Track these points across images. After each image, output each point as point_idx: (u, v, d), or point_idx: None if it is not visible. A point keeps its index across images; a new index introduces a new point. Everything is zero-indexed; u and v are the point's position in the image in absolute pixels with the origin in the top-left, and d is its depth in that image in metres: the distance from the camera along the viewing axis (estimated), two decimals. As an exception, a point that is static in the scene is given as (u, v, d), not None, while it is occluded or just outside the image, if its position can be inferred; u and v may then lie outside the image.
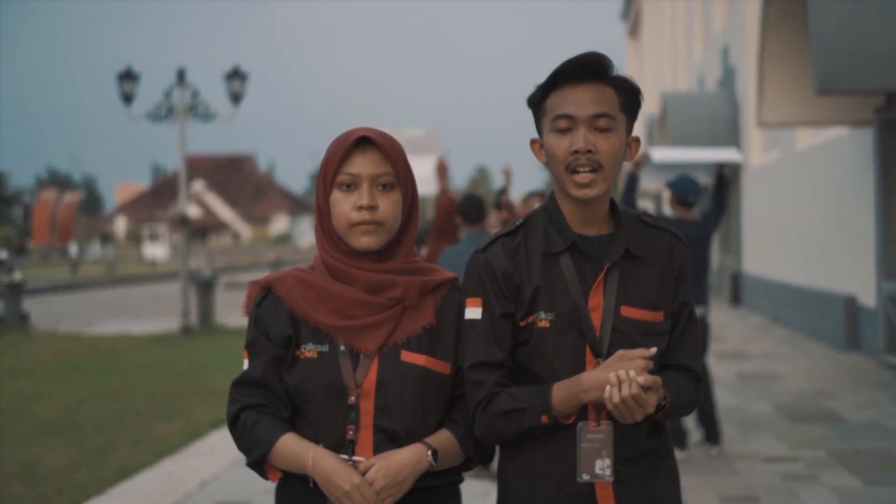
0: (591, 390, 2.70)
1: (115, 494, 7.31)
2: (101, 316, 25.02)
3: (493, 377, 2.82)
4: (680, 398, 2.82)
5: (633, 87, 2.83)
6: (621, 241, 2.84)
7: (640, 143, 2.91)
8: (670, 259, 2.90)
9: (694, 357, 2.93)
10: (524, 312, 2.83)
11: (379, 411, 2.81)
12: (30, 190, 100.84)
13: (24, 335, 19.42)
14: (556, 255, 2.84)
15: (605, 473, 2.74)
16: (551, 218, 2.88)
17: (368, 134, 2.85)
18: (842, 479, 7.23)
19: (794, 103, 13.27)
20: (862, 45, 10.20)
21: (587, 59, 2.77)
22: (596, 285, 2.81)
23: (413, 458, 2.78)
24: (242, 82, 20.21)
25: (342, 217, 2.84)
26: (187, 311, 19.35)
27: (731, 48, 23.05)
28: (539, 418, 2.75)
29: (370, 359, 2.82)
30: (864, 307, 13.77)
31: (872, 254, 13.09)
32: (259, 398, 2.84)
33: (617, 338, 2.79)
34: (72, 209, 72.40)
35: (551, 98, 2.82)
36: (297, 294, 2.87)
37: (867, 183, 13.23)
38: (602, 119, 2.75)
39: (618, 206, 2.91)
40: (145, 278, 47.71)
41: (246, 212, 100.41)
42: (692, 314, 2.94)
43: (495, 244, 2.88)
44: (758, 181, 21.00)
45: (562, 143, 2.77)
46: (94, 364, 14.98)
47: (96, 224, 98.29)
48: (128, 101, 19.89)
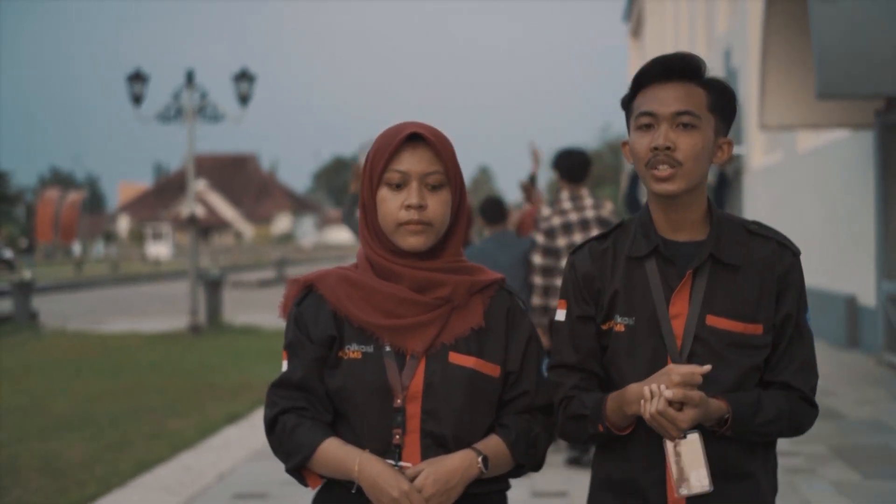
0: (633, 403, 2.64)
1: (136, 487, 7.53)
2: (108, 314, 25.25)
3: (570, 380, 2.78)
4: (760, 414, 2.65)
5: (726, 88, 2.75)
6: (709, 246, 2.73)
7: (732, 146, 2.79)
8: (772, 269, 2.75)
9: (801, 375, 2.75)
10: (603, 316, 2.78)
11: (426, 415, 2.71)
12: (32, 189, 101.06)
13: (33, 333, 19.65)
14: (641, 260, 2.77)
15: (703, 484, 2.63)
16: (642, 223, 2.81)
17: (419, 130, 2.75)
18: (841, 472, 7.45)
19: (796, 106, 13.49)
20: (862, 50, 10.41)
21: (672, 59, 2.72)
22: (679, 291, 2.72)
23: (463, 464, 2.68)
24: (250, 84, 20.47)
25: (389, 216, 2.74)
26: (195, 310, 19.57)
27: (734, 50, 23.25)
28: (596, 427, 2.71)
29: (417, 360, 2.73)
30: (864, 307, 13.98)
31: (872, 254, 13.29)
32: (300, 401, 2.74)
33: (700, 348, 2.69)
34: (75, 208, 72.69)
35: (638, 98, 2.76)
36: (340, 292, 2.77)
37: (867, 185, 13.43)
38: (685, 116, 2.67)
39: (716, 211, 2.80)
40: (149, 277, 47.98)
41: (248, 211, 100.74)
42: (801, 329, 2.77)
43: (584, 247, 2.86)
44: (760, 182, 21.20)
45: (643, 139, 2.71)
46: (104, 361, 15.21)
47: (99, 223, 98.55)
48: (137, 103, 20.15)
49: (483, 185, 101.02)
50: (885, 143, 12.59)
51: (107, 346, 17.46)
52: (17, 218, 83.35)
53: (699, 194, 2.75)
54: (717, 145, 2.75)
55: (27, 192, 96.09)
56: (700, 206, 2.77)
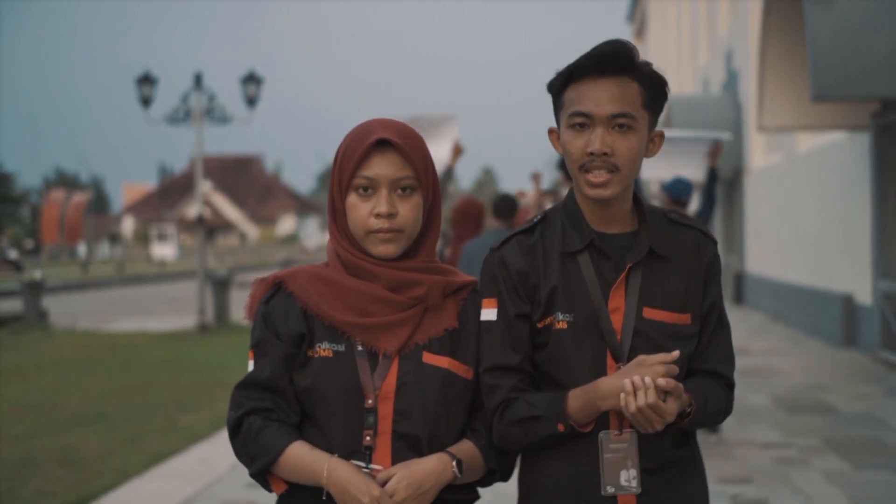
0: (608, 398, 2.55)
1: (152, 476, 7.81)
2: (116, 314, 25.50)
3: (508, 382, 2.67)
4: (708, 406, 2.65)
5: (659, 80, 2.66)
6: (644, 239, 2.68)
7: (663, 138, 2.73)
8: (698, 258, 2.74)
9: (726, 363, 2.76)
10: (541, 313, 2.68)
11: (399, 416, 2.63)
12: (37, 190, 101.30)
13: (44, 332, 19.93)
14: (574, 255, 2.69)
15: (630, 485, 2.60)
16: (570, 215, 2.72)
17: (387, 135, 2.66)
18: (832, 463, 7.71)
19: (793, 108, 13.75)
20: (856, 54, 10.67)
21: (607, 54, 2.60)
22: (616, 286, 2.66)
23: (437, 468, 2.60)
24: (258, 86, 20.74)
25: (359, 223, 2.67)
26: (203, 309, 19.85)
27: (735, 53, 23.49)
28: (555, 427, 2.60)
29: (390, 360, 2.65)
30: (860, 305, 14.23)
31: (869, 254, 13.54)
32: (266, 402, 2.65)
33: (639, 341, 2.64)
34: (80, 209, 72.92)
35: (570, 91, 2.65)
36: (311, 290, 2.69)
37: (864, 186, 13.68)
38: (621, 118, 2.58)
39: (642, 203, 2.75)
40: (155, 278, 48.27)
41: (253, 212, 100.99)
42: (723, 317, 2.78)
43: (510, 242, 2.74)
44: (760, 183, 21.44)
45: (578, 141, 2.62)
46: (115, 359, 15.49)
47: (104, 224, 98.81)
48: (146, 105, 20.43)
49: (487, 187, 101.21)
50: (881, 145, 12.85)
51: (116, 344, 17.74)
52: (22, 219, 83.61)
53: (630, 190, 2.70)
54: (650, 138, 2.69)
55: (32, 193, 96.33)
56: (629, 200, 2.72)
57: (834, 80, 10.70)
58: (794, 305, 17.88)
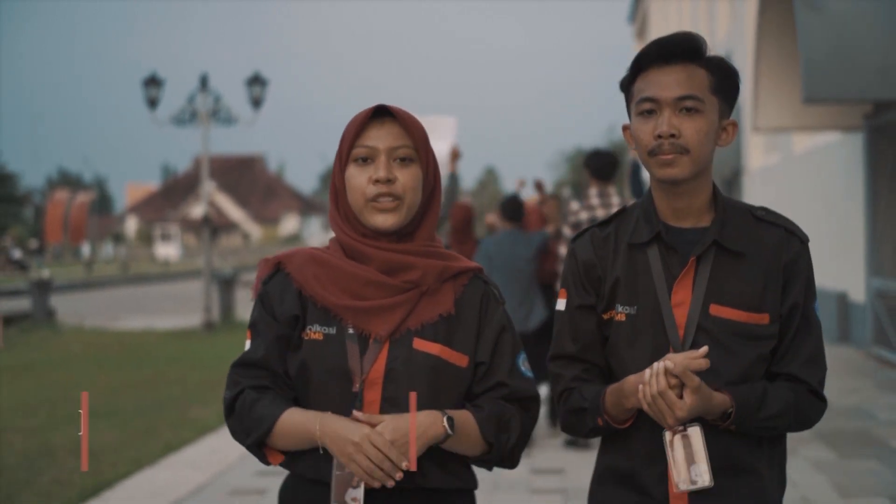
0: (631, 395, 2.55)
1: (165, 466, 8.12)
2: (121, 313, 25.83)
3: (570, 371, 2.71)
4: (764, 408, 2.55)
5: (729, 68, 2.65)
6: (712, 233, 2.63)
7: (737, 127, 2.68)
8: (778, 256, 2.64)
9: (809, 367, 2.64)
10: (605, 305, 2.69)
11: (386, 402, 2.61)
12: (40, 190, 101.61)
13: (52, 330, 20.24)
14: (643, 247, 2.67)
15: (703, 479, 2.54)
16: (644, 209, 2.71)
17: (386, 105, 2.70)
18: (819, 452, 8.01)
19: (788, 109, 14.05)
20: (846, 57, 10.97)
21: (673, 40, 2.62)
22: (682, 279, 2.62)
23: (427, 419, 2.56)
24: (263, 87, 21.03)
25: (357, 191, 2.67)
26: (209, 307, 20.16)
27: (734, 54, 23.76)
28: (595, 420, 2.63)
29: (380, 345, 2.63)
30: (854, 303, 14.52)
31: (862, 252, 13.84)
32: (262, 380, 2.66)
33: (703, 338, 2.58)
34: (84, 209, 73.20)
35: (638, 81, 2.65)
36: (307, 272, 2.70)
37: (858, 185, 13.97)
38: (688, 101, 2.57)
39: (721, 197, 2.69)
40: (159, 277, 48.63)
41: (256, 212, 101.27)
42: (809, 318, 2.66)
43: (585, 234, 2.76)
44: (758, 183, 21.72)
45: (646, 126, 2.60)
46: (124, 356, 15.81)
47: (107, 224, 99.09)
48: (153, 106, 20.73)
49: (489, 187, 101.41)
50: (874, 146, 13.15)
51: (124, 342, 18.05)
52: (25, 219, 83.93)
53: (704, 180, 2.65)
54: (722, 127, 2.66)
55: (35, 193, 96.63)
56: (705, 193, 2.67)
57: (825, 82, 10.99)
58: (790, 303, 18.16)
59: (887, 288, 12.93)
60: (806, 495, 6.84)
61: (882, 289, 13.08)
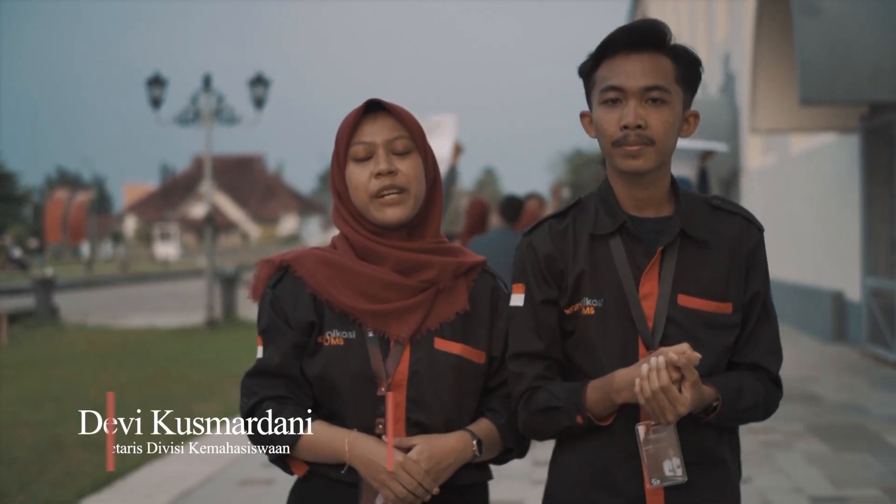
0: (623, 390, 2.46)
1: (175, 458, 8.29)
2: (123, 311, 26.00)
3: (533, 369, 2.61)
4: (742, 400, 2.53)
5: (692, 58, 2.60)
6: (677, 222, 2.58)
7: (698, 118, 2.66)
8: (740, 245, 2.61)
9: (770, 356, 2.63)
10: (568, 299, 2.60)
11: (411, 403, 2.60)
12: (39, 190, 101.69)
13: (56, 328, 20.41)
14: (606, 238, 2.60)
15: (676, 474, 2.49)
16: (603, 199, 2.64)
17: (377, 99, 2.66)
18: (813, 446, 8.20)
19: (785, 111, 14.26)
20: (841, 60, 11.17)
21: (639, 28, 2.55)
22: (649, 270, 2.56)
23: (458, 445, 2.57)
24: (265, 88, 21.21)
25: (361, 189, 2.63)
26: (212, 305, 20.34)
27: (732, 55, 23.93)
28: (574, 418, 2.53)
29: (402, 347, 2.61)
30: (850, 301, 14.71)
31: (858, 252, 14.03)
32: (279, 389, 2.61)
33: (673, 330, 2.53)
34: (83, 209, 73.29)
35: (602, 68, 2.57)
36: (320, 275, 2.64)
37: (853, 186, 14.15)
38: (654, 91, 2.51)
39: (679, 187, 2.65)
40: (159, 276, 48.83)
41: (255, 212, 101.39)
42: (767, 307, 2.65)
43: (541, 226, 2.67)
44: (756, 183, 21.90)
45: (611, 116, 2.54)
46: (128, 354, 15.97)
47: (106, 224, 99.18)
48: (156, 106, 20.91)
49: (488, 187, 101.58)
50: (869, 147, 13.34)
51: (127, 339, 18.22)
52: (24, 218, 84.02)
53: (666, 170, 2.61)
54: (684, 118, 2.62)
55: (34, 192, 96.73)
56: (665, 183, 2.63)
57: (821, 84, 11.19)
58: (787, 302, 18.34)
59: (882, 287, 13.12)
60: (799, 486, 7.03)
61: (877, 288, 13.27)
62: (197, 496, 7.26)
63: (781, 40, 13.98)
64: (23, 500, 7.24)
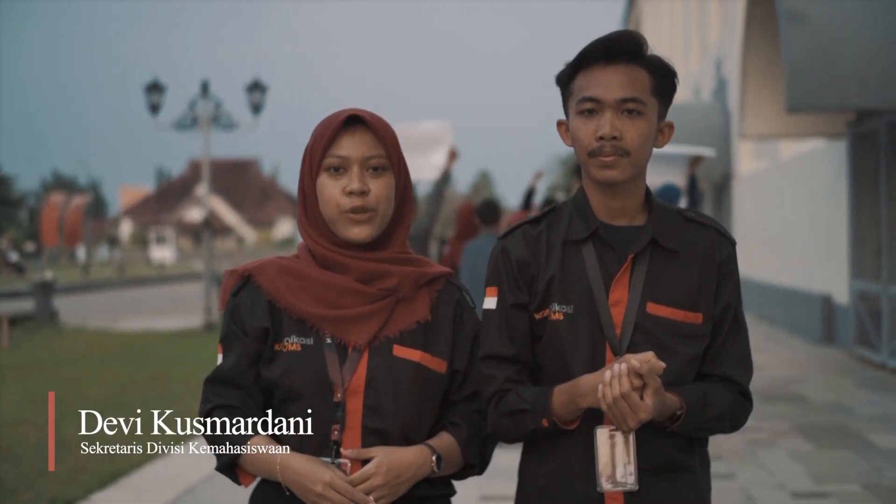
0: (588, 395, 2.48)
1: (178, 455, 8.53)
2: (121, 314, 26.20)
3: (503, 372, 2.63)
4: (708, 411, 2.56)
5: (668, 70, 2.64)
6: (648, 231, 2.62)
7: (673, 129, 2.70)
8: (711, 256, 2.65)
9: (739, 368, 2.65)
10: (538, 304, 2.64)
11: (368, 410, 2.60)
12: (35, 193, 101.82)
13: (56, 330, 20.63)
14: (578, 244, 2.64)
15: (627, 480, 2.51)
16: (578, 206, 2.68)
17: (358, 113, 2.65)
18: (797, 444, 8.45)
19: (774, 117, 14.52)
20: (827, 67, 11.42)
21: (617, 40, 2.59)
22: (619, 277, 2.59)
23: (417, 460, 2.58)
24: (262, 94, 21.46)
25: (330, 203, 2.64)
26: (210, 308, 20.59)
27: (725, 61, 24.18)
28: (540, 421, 2.55)
29: (359, 353, 2.61)
30: (838, 305, 14.96)
31: (846, 255, 14.29)
32: (232, 399, 2.64)
33: (641, 337, 2.56)
34: (80, 212, 73.48)
35: (579, 78, 2.62)
36: (279, 283, 2.66)
37: (841, 191, 14.40)
38: (630, 103, 2.56)
39: (654, 198, 2.69)
40: (156, 280, 49.04)
41: (250, 215, 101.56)
42: (739, 319, 2.67)
43: (516, 232, 2.70)
44: (747, 188, 22.15)
45: (587, 126, 2.58)
46: (128, 355, 16.19)
47: (101, 227, 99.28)
48: (154, 112, 21.15)
49: (483, 190, 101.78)
50: (856, 153, 13.59)
51: (127, 341, 18.44)
52: (20, 222, 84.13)
53: (640, 180, 2.66)
54: (659, 129, 2.66)
55: (29, 196, 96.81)
56: (639, 192, 2.67)
57: (807, 92, 11.45)
58: (777, 305, 18.60)
59: (869, 290, 13.37)
60: (782, 482, 7.28)
61: (864, 291, 13.53)
62: (201, 492, 7.50)
63: (770, 47, 14.23)
64: (31, 496, 7.47)
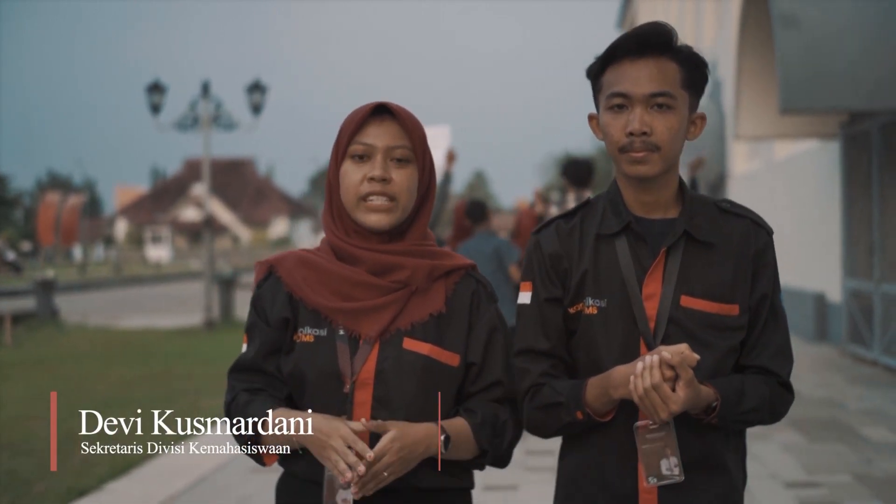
0: (620, 386, 2.48)
1: (187, 448, 8.74)
2: (120, 313, 26.38)
3: (538, 367, 2.64)
4: (744, 402, 2.53)
5: (698, 60, 2.60)
6: (681, 223, 2.60)
7: (705, 120, 2.65)
8: (747, 247, 2.63)
9: (778, 359, 2.63)
10: (571, 298, 2.63)
11: (377, 402, 2.61)
12: (30, 192, 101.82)
13: (57, 328, 20.81)
14: (612, 238, 2.63)
15: (673, 473, 2.50)
16: (611, 200, 2.68)
17: (387, 104, 2.68)
18: (790, 437, 8.68)
19: (768, 118, 14.73)
20: (820, 69, 11.63)
21: (646, 33, 2.56)
22: (652, 270, 2.58)
23: (427, 438, 2.56)
24: (263, 94, 21.63)
25: (351, 189, 2.66)
26: (210, 306, 20.77)
27: (720, 62, 24.37)
28: (574, 414, 2.55)
29: (370, 345, 2.63)
30: (831, 303, 15.19)
31: (839, 255, 14.51)
32: (256, 383, 2.69)
33: (675, 330, 2.55)
34: (76, 212, 73.47)
35: (608, 73, 2.60)
36: (297, 275, 2.71)
37: (834, 191, 14.62)
38: (660, 97, 2.53)
39: (687, 190, 2.67)
40: (153, 279, 49.18)
41: (246, 215, 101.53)
42: (776, 310, 2.65)
43: (550, 226, 2.71)
44: (742, 188, 22.34)
45: (617, 122, 2.56)
46: (131, 352, 16.39)
47: (97, 227, 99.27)
48: (156, 112, 21.31)
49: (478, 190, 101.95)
50: (849, 153, 13.82)
51: (128, 339, 18.64)
52: (15, 221, 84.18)
53: (672, 174, 2.63)
54: (691, 121, 2.64)
55: (25, 195, 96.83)
56: (672, 186, 2.65)
57: (800, 94, 11.66)
58: (771, 304, 18.78)
59: (861, 288, 13.59)
60: (774, 472, 7.50)
61: (856, 289, 13.75)
62: (212, 482, 7.71)
63: (765, 49, 14.43)
64: (45, 487, 7.67)
